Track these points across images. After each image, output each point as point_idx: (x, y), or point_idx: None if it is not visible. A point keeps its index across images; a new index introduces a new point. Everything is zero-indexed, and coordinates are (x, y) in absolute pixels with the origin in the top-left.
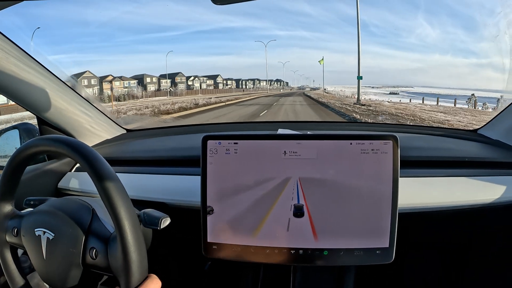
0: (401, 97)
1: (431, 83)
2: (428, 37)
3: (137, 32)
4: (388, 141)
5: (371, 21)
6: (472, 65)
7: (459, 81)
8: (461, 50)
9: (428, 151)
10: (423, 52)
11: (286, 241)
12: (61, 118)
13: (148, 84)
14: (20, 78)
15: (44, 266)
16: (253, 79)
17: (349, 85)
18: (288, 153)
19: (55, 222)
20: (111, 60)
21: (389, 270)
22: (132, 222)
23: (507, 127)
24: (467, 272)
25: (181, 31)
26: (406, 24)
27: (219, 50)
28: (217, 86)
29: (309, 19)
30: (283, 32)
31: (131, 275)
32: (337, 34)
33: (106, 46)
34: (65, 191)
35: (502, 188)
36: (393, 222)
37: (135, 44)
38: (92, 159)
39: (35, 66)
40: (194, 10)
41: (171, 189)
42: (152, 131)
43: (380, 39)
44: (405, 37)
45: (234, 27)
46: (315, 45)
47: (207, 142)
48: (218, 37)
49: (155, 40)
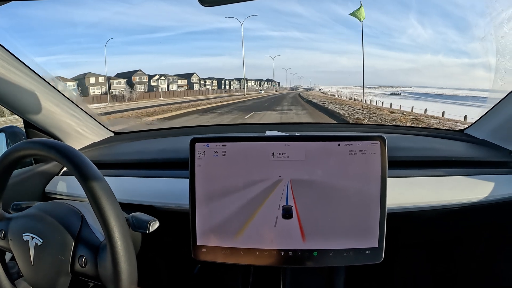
0: (403, 98)
1: (423, 83)
2: (420, 37)
3: (128, 33)
4: (376, 142)
5: (363, 21)
6: (464, 65)
7: (454, 81)
8: (452, 49)
9: (416, 151)
10: (415, 52)
11: (275, 242)
12: (48, 121)
13: (91, 86)
14: (5, 79)
15: (32, 272)
16: (239, 79)
17: (342, 85)
18: (276, 155)
19: (44, 228)
20: (101, 61)
21: (378, 270)
22: (122, 231)
23: (493, 127)
24: (456, 270)
25: (172, 32)
26: (398, 24)
27: (211, 51)
28: (191, 87)
29: (302, 20)
30: (276, 32)
31: (120, 285)
32: (329, 34)
33: (97, 48)
34: (52, 195)
35: (488, 187)
36: (382, 222)
37: (126, 45)
38: (79, 163)
39: (21, 67)
40: (185, 11)
41: (159, 192)
42: (140, 133)
43: (372, 39)
44: (397, 37)
45: (226, 28)
46: (308, 46)
47: (195, 144)
48: (209, 38)
49: (146, 41)
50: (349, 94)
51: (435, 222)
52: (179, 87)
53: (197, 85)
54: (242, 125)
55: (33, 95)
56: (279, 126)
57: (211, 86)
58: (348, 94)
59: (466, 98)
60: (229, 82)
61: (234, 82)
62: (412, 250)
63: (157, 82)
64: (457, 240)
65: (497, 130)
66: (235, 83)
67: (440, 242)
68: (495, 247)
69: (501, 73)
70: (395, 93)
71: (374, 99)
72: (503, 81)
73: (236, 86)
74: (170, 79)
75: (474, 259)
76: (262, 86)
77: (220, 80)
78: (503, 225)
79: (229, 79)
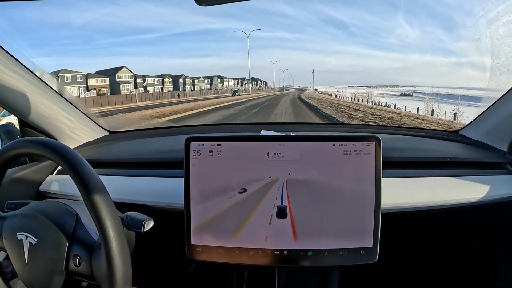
0: (416, 100)
1: (413, 82)
2: (408, 37)
3: (117, 34)
4: (370, 142)
5: (351, 22)
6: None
7: (450, 80)
8: (441, 49)
9: (411, 152)
10: (403, 52)
11: (270, 242)
12: (43, 119)
13: (66, 85)
14: (0, 78)
15: (26, 271)
16: (210, 77)
17: (332, 85)
18: (271, 155)
19: (38, 227)
20: (89, 63)
21: (373, 269)
22: (117, 230)
23: (488, 128)
24: (450, 270)
25: (161, 33)
26: (386, 24)
27: (199, 52)
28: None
29: (290, 20)
30: (264, 33)
31: (115, 284)
32: (318, 35)
33: (85, 49)
34: (47, 194)
35: (482, 188)
36: (377, 222)
37: (114, 46)
38: (74, 162)
39: (17, 67)
40: (174, 12)
41: (154, 191)
42: (135, 132)
43: (361, 40)
44: (385, 37)
45: (215, 29)
46: (296, 46)
47: (190, 143)
48: (198, 39)
49: (134, 43)
50: (351, 95)
51: (429, 222)
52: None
53: (129, 86)
54: (237, 124)
55: (28, 94)
56: (274, 126)
57: (159, 87)
58: (350, 95)
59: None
60: (192, 82)
61: (201, 80)
62: (407, 250)
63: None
64: (451, 240)
65: (491, 131)
66: (202, 82)
67: (434, 242)
68: (489, 247)
69: (495, 74)
70: (406, 93)
71: (382, 100)
72: (497, 82)
73: (206, 86)
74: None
75: (467, 259)
76: (244, 86)
77: (177, 77)
78: (497, 226)
79: (193, 77)
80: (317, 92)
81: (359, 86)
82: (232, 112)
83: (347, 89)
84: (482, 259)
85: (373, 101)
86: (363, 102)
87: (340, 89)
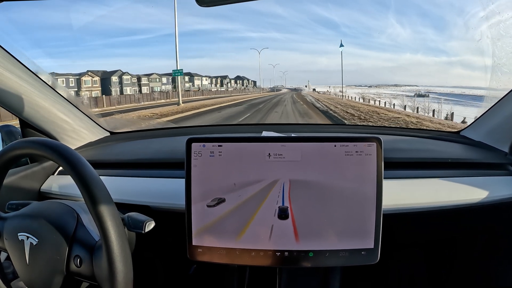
0: (435, 102)
1: (408, 81)
2: (399, 37)
3: (107, 35)
4: (372, 143)
5: (342, 22)
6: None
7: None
8: (431, 48)
9: (412, 152)
10: (395, 52)
11: (271, 243)
12: (44, 120)
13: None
14: (1, 78)
15: (27, 272)
16: (168, 74)
17: (324, 84)
18: (272, 156)
19: (39, 227)
20: (80, 64)
21: (374, 270)
22: (118, 230)
23: (489, 129)
24: (451, 271)
25: (151, 34)
26: (377, 24)
27: (192, 53)
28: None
29: (281, 21)
30: (255, 34)
31: (116, 285)
32: (309, 35)
33: (75, 51)
34: (48, 194)
35: (484, 188)
36: (378, 223)
37: (105, 48)
38: (75, 163)
39: (17, 66)
40: (165, 13)
41: (155, 192)
42: (136, 133)
43: (352, 39)
44: (377, 37)
45: (205, 30)
46: (287, 46)
47: (191, 144)
48: (189, 40)
49: (125, 44)
50: (356, 95)
51: (430, 223)
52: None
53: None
54: (238, 125)
55: (30, 94)
56: (275, 127)
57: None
58: (356, 95)
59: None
60: (138, 80)
61: (153, 79)
62: (408, 251)
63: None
64: (452, 241)
65: (493, 131)
66: (154, 80)
67: (435, 243)
68: (490, 248)
69: (496, 75)
70: (421, 94)
71: (396, 102)
72: (498, 82)
73: (167, 86)
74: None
75: (469, 260)
76: (226, 85)
77: (139, 77)
78: (498, 226)
79: (145, 75)
80: (317, 92)
81: (358, 86)
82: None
83: (345, 88)
84: (484, 260)
85: (385, 102)
86: (380, 104)
87: (339, 89)
